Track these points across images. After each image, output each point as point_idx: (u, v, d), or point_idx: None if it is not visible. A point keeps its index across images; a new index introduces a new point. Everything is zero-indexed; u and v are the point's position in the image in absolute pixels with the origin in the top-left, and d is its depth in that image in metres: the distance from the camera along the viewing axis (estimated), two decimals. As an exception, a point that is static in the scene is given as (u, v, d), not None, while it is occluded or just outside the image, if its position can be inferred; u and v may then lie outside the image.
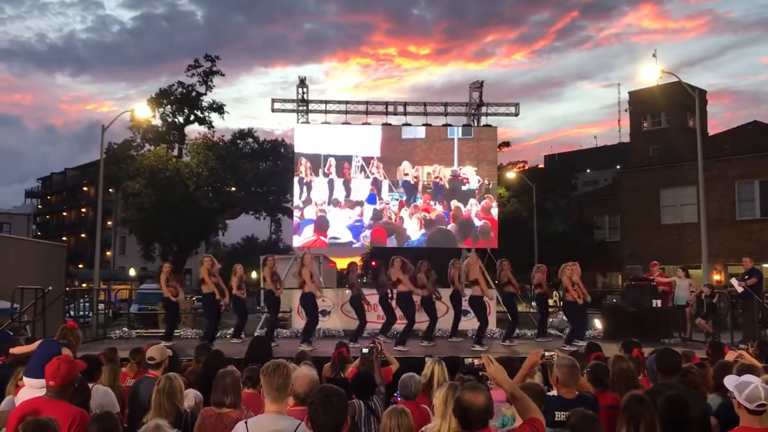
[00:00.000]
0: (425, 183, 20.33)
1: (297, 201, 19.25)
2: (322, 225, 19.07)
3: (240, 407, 4.60)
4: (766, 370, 5.28)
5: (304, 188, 19.05)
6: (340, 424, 3.32)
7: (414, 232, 19.41)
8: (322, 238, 18.82)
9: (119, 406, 5.65)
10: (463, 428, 3.31)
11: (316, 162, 19.37)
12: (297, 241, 18.77)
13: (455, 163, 20.51)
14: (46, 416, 3.75)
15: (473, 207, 19.82)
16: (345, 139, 20.07)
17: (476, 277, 13.08)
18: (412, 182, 20.27)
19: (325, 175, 19.48)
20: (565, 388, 4.78)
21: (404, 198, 20.27)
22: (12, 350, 6.89)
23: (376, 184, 20.22)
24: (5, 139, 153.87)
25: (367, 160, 20.32)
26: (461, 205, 20.21)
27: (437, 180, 20.42)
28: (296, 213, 19.29)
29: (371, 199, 20.09)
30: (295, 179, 19.09)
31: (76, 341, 6.60)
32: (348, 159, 19.93)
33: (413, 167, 20.40)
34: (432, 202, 20.21)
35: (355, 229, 19.52)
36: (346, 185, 19.83)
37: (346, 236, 19.26)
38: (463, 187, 20.32)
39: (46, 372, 4.40)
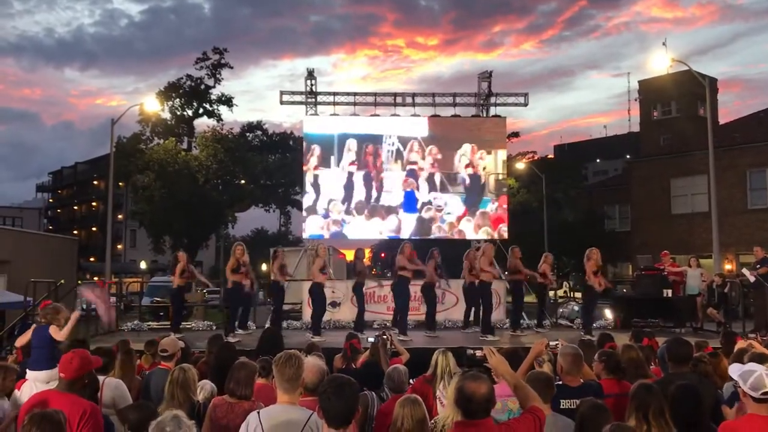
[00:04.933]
0: (500, 178, 16.65)
1: (307, 200, 17.18)
2: (336, 237, 16.02)
3: (251, 398, 4.63)
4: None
5: (314, 182, 16.87)
6: (351, 414, 3.34)
7: None
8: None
9: (133, 398, 5.69)
10: (466, 417, 3.35)
11: (329, 148, 16.66)
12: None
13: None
14: (52, 408, 3.72)
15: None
16: (372, 120, 16.92)
17: (485, 267, 12.84)
18: (479, 176, 16.45)
19: (347, 164, 16.20)
20: (569, 377, 4.85)
21: (463, 202, 16.58)
22: (17, 343, 6.98)
23: (421, 179, 16.40)
24: (21, 135, 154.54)
25: (406, 142, 16.35)
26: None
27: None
28: (304, 212, 17.57)
29: (409, 204, 16.26)
30: (306, 173, 17.30)
31: (53, 315, 6.60)
32: (375, 140, 16.33)
33: (480, 152, 16.49)
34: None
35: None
36: (369, 181, 16.23)
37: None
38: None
39: (60, 364, 4.45)
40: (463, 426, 3.36)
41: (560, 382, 4.87)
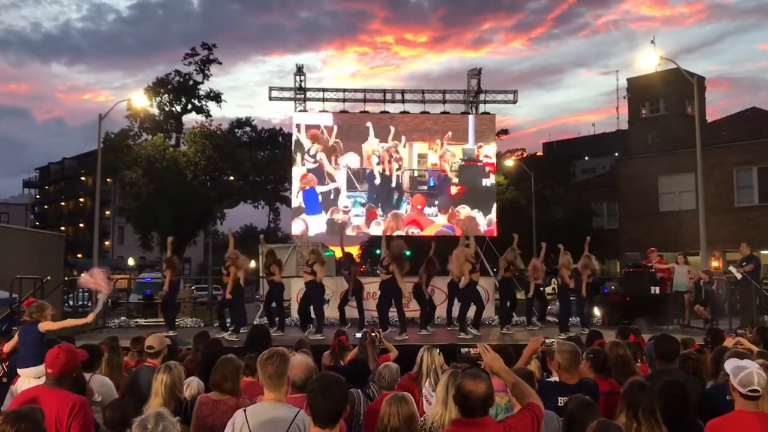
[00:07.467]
0: (416, 175, 15.47)
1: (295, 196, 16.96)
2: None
3: (238, 395, 4.60)
4: (761, 355, 5.30)
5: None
6: (339, 412, 3.31)
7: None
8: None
9: (120, 395, 5.65)
10: (463, 415, 3.32)
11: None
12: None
13: (470, 140, 14.83)
14: (28, 406, 3.65)
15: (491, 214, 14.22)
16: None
17: (461, 266, 12.71)
18: (390, 173, 15.20)
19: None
20: (566, 374, 4.79)
21: (373, 201, 15.24)
22: (4, 348, 6.94)
23: (326, 175, 15.20)
24: (11, 131, 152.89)
25: (309, 130, 14.99)
26: (478, 214, 14.86)
27: (437, 169, 14.96)
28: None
29: (311, 204, 14.82)
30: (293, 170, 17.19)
31: (39, 312, 6.59)
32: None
33: (392, 145, 15.06)
34: (429, 209, 14.78)
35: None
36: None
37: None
38: (485, 181, 14.62)
39: (46, 359, 4.42)
40: (461, 424, 3.34)
41: (557, 379, 4.85)
